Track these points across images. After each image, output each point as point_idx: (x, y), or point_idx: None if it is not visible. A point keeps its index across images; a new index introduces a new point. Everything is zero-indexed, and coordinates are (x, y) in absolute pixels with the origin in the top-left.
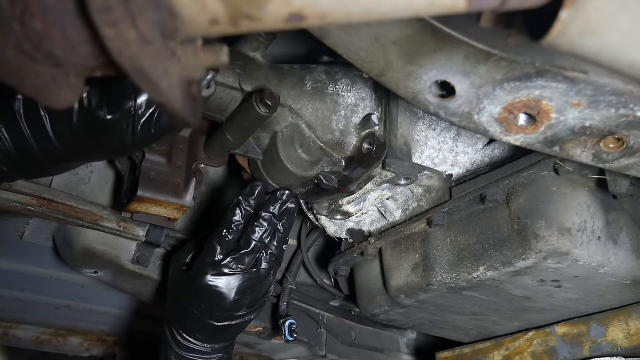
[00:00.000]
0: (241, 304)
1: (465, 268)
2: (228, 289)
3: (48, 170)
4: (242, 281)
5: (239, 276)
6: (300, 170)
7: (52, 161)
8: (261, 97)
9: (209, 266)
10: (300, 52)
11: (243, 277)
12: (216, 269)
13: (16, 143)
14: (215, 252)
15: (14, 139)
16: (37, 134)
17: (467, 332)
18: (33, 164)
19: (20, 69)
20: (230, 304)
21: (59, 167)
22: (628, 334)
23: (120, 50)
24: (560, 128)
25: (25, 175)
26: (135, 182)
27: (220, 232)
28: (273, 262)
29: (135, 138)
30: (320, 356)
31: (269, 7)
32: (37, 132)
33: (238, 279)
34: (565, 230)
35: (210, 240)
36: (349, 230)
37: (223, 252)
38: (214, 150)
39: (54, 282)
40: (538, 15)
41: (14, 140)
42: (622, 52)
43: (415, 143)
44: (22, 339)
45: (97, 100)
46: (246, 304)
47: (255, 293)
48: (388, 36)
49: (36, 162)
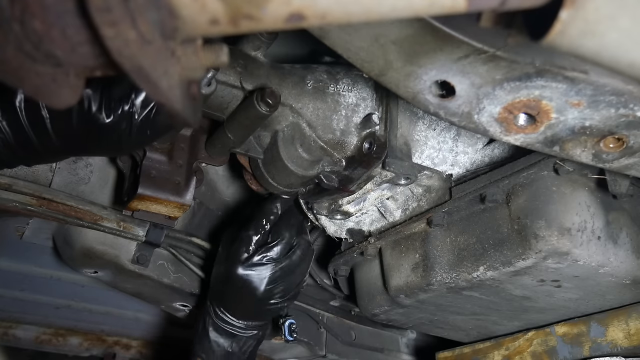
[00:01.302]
0: (273, 293)
1: (465, 268)
2: (259, 279)
3: (47, 160)
4: (274, 271)
5: (270, 266)
6: (300, 170)
7: (51, 154)
8: (262, 95)
9: (241, 257)
10: (302, 52)
11: (275, 268)
12: (248, 261)
13: (17, 137)
14: (251, 242)
15: (15, 134)
16: (37, 130)
17: (467, 332)
18: (32, 154)
19: (20, 69)
20: (262, 293)
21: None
22: (628, 334)
23: (120, 50)
24: (560, 128)
25: (24, 164)
26: (137, 180)
27: (259, 222)
28: (307, 250)
29: (133, 139)
30: (320, 356)
31: (269, 7)
32: (37, 128)
33: (269, 269)
34: (565, 230)
35: (247, 229)
36: (349, 230)
37: (258, 243)
38: (215, 149)
39: (54, 282)
40: (538, 15)
41: (14, 134)
42: (622, 52)
43: (415, 143)
44: (22, 339)
45: (96, 103)
46: (279, 293)
47: (288, 282)
48: (388, 36)
49: (35, 153)
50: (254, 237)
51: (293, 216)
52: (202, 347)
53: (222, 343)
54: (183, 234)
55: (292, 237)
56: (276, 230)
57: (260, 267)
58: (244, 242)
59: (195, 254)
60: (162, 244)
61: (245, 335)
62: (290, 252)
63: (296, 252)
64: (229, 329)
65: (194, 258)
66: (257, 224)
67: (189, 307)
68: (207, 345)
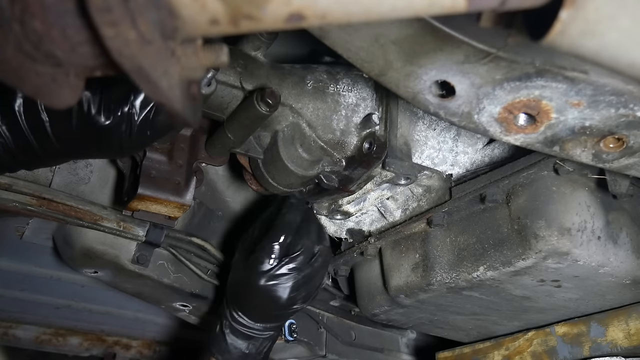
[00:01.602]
0: (296, 300)
1: (465, 268)
2: (283, 289)
3: (48, 164)
4: (297, 280)
5: (293, 276)
6: (300, 170)
7: (51, 157)
8: (262, 95)
9: (264, 269)
10: (302, 52)
11: (297, 277)
12: (271, 272)
13: (16, 141)
14: (272, 253)
15: (15, 138)
16: (36, 134)
17: (467, 332)
18: (33, 158)
19: (20, 69)
20: (285, 301)
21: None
22: (628, 334)
23: (121, 50)
24: (560, 128)
25: (25, 167)
26: (137, 181)
27: (280, 232)
28: (327, 257)
29: (133, 140)
30: (320, 356)
31: (269, 7)
32: (37, 132)
33: (292, 279)
34: (565, 230)
35: (268, 240)
36: (349, 230)
37: (279, 254)
38: (215, 149)
39: (54, 282)
40: (538, 15)
41: (14, 138)
42: (622, 52)
43: (415, 143)
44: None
45: (96, 105)
46: (301, 299)
47: (309, 287)
48: (388, 36)
49: (36, 158)
50: (276, 247)
51: (312, 223)
52: (218, 347)
53: (239, 345)
54: (183, 234)
55: (312, 245)
56: (297, 239)
57: (283, 278)
58: (265, 253)
59: (195, 254)
60: (162, 244)
61: (262, 336)
62: (312, 260)
63: (318, 260)
64: (246, 332)
65: (194, 258)
66: (278, 234)
67: (189, 307)
68: (223, 346)
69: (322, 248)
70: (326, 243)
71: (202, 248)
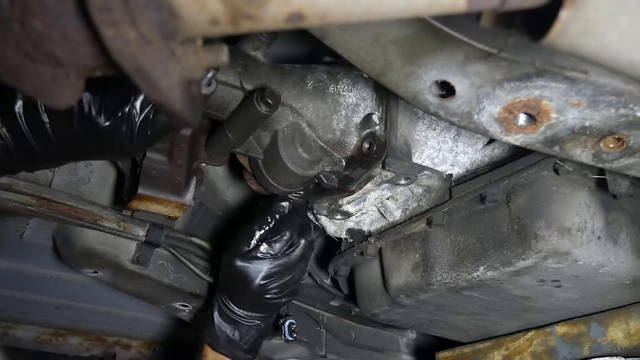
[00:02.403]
0: (268, 287)
1: (465, 268)
2: (256, 272)
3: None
4: (271, 266)
5: (267, 261)
6: (300, 170)
7: (52, 159)
8: (262, 95)
9: (241, 250)
10: (302, 52)
11: (272, 263)
12: (247, 254)
13: (17, 143)
14: (253, 236)
15: (15, 140)
16: (37, 136)
17: (467, 332)
18: (34, 160)
19: (20, 68)
20: (257, 286)
21: (59, 163)
22: (628, 334)
23: (121, 50)
24: (560, 128)
25: (26, 169)
26: (136, 180)
27: (264, 217)
28: (307, 250)
29: (135, 142)
30: (320, 356)
31: (269, 7)
32: (37, 133)
33: (267, 264)
34: (565, 230)
35: (252, 223)
36: (349, 230)
37: (259, 238)
38: (215, 149)
39: (54, 282)
40: (538, 15)
41: (15, 140)
42: (622, 52)
43: (415, 143)
44: (22, 339)
45: (96, 106)
46: (275, 289)
47: (284, 279)
48: (388, 36)
49: (37, 159)
50: (257, 232)
51: (299, 216)
52: (209, 331)
53: (225, 329)
54: (183, 234)
55: (293, 235)
56: (279, 227)
57: (258, 261)
58: (246, 235)
59: (195, 254)
60: (162, 244)
61: (247, 324)
62: (289, 250)
63: (295, 251)
64: (231, 316)
65: (194, 258)
66: (262, 219)
67: (189, 307)
68: (212, 329)
69: (303, 242)
70: (309, 238)
71: (202, 248)
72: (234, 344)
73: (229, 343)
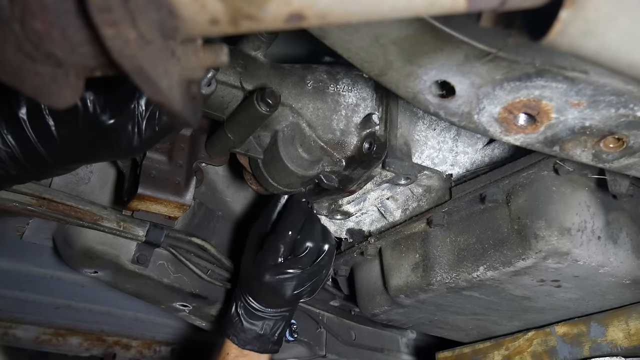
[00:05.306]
0: (301, 295)
1: (465, 268)
2: (288, 286)
3: (57, 172)
4: (302, 277)
5: (298, 274)
6: (300, 170)
7: (60, 164)
8: (262, 95)
9: (269, 264)
10: (302, 52)
11: (303, 274)
12: (277, 269)
13: (23, 149)
14: (278, 254)
15: (21, 146)
16: (43, 140)
17: (467, 332)
18: (41, 167)
19: (20, 69)
20: (290, 297)
21: (66, 168)
22: (628, 334)
23: (121, 50)
24: (560, 128)
25: (35, 177)
26: (136, 180)
27: (285, 233)
28: (332, 254)
29: (142, 139)
30: (320, 356)
31: (269, 7)
32: (43, 137)
33: (298, 277)
34: (565, 230)
35: (274, 239)
36: (349, 230)
37: (285, 253)
38: (215, 149)
39: (54, 282)
40: (538, 15)
41: (21, 146)
42: (622, 52)
43: (415, 143)
44: (22, 339)
45: (100, 105)
46: (306, 294)
47: (315, 283)
48: (388, 36)
49: (44, 166)
50: (281, 248)
51: (316, 222)
52: (234, 328)
53: (253, 325)
54: (183, 234)
55: (317, 244)
56: (302, 239)
57: (288, 276)
58: (271, 251)
59: (195, 254)
60: (162, 244)
61: (275, 317)
62: (318, 259)
63: (324, 259)
64: (259, 314)
65: (194, 258)
66: (284, 235)
67: (189, 307)
68: (238, 327)
69: (327, 247)
70: (332, 241)
71: (202, 248)
72: (263, 338)
73: (258, 338)
